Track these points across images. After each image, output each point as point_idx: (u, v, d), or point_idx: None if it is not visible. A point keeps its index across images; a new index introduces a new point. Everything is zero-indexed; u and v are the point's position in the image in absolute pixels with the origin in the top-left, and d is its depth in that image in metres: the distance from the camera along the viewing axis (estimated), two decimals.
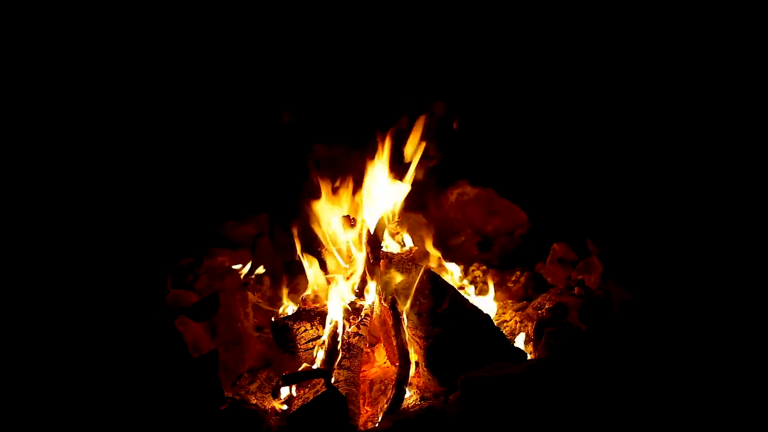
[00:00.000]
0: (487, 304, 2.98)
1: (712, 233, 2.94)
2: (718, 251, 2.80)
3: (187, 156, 4.05)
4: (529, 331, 2.82)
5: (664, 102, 3.66)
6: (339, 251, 2.97)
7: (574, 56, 3.96)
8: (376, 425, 2.24)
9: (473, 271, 3.50)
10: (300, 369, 2.61)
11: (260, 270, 3.44)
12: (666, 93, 3.67)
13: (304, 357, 2.69)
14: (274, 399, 2.49)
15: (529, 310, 3.03)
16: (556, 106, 4.02)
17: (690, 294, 2.54)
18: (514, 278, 3.40)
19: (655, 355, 2.19)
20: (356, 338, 2.62)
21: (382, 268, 2.76)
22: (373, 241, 2.86)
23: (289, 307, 3.11)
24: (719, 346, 2.20)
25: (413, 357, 2.49)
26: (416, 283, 2.54)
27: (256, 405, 2.45)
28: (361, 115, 3.53)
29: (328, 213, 3.07)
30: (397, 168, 3.13)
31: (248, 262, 3.53)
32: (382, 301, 2.63)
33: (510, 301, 3.26)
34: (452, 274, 3.21)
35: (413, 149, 3.11)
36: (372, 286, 2.79)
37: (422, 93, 3.94)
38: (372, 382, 2.61)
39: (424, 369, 2.42)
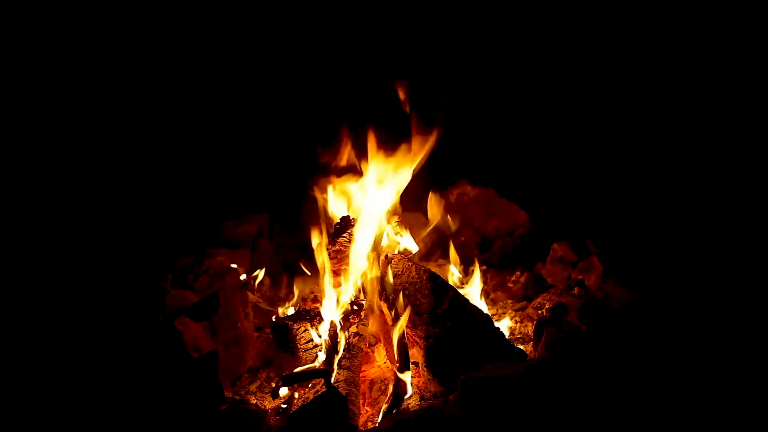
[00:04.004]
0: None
1: (712, 233, 2.94)
2: (717, 251, 2.80)
3: (187, 156, 4.05)
4: (529, 331, 2.82)
5: (664, 102, 3.66)
6: (339, 252, 2.97)
7: (574, 56, 3.96)
8: (376, 425, 2.24)
9: (473, 271, 3.50)
10: (300, 369, 2.61)
11: (259, 272, 3.43)
12: (666, 93, 3.67)
13: (304, 357, 2.69)
14: (274, 399, 2.49)
15: (529, 310, 3.03)
16: (556, 106, 4.02)
17: (690, 294, 2.54)
18: (514, 278, 3.40)
19: (654, 355, 2.18)
20: (356, 338, 2.62)
21: (382, 267, 2.76)
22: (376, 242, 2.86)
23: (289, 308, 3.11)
24: (719, 345, 2.21)
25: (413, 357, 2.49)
26: (416, 283, 2.54)
27: (256, 405, 2.45)
28: (361, 114, 3.53)
29: (331, 212, 3.08)
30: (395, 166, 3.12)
31: (248, 262, 3.53)
32: (382, 301, 2.64)
33: (510, 301, 3.26)
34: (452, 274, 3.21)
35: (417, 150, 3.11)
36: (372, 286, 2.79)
37: (422, 92, 3.94)
38: (372, 382, 2.62)
39: (424, 369, 2.42)
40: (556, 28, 3.97)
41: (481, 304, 2.82)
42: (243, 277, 3.38)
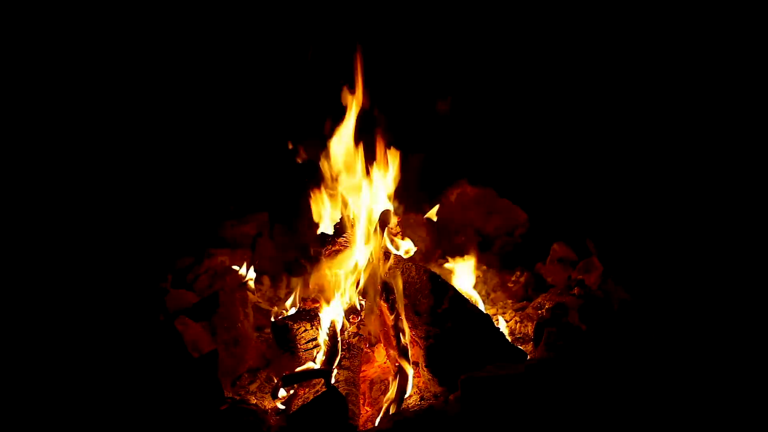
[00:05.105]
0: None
1: (712, 233, 2.94)
2: (717, 251, 2.80)
3: (187, 156, 4.05)
4: (529, 331, 2.82)
5: (664, 102, 3.66)
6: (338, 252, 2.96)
7: (574, 55, 3.96)
8: (376, 425, 2.24)
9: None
10: (300, 369, 2.61)
11: (253, 274, 3.43)
12: (666, 93, 3.67)
13: (304, 357, 2.69)
14: (274, 399, 2.49)
15: (529, 310, 3.03)
16: (556, 106, 4.02)
17: (690, 294, 2.54)
18: (514, 278, 3.40)
19: (654, 355, 2.18)
20: (356, 338, 2.62)
21: (381, 267, 2.76)
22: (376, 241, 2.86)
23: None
24: (719, 345, 2.21)
25: (413, 357, 2.49)
26: (416, 283, 2.54)
27: (256, 405, 2.45)
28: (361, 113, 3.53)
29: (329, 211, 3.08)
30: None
31: (248, 262, 3.53)
32: (382, 301, 2.63)
33: (510, 301, 3.26)
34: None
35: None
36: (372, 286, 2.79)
37: (422, 92, 3.95)
38: (372, 382, 2.62)
39: (424, 369, 2.42)
40: (556, 28, 3.97)
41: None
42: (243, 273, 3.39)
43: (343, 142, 3.10)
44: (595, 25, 3.87)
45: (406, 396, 2.40)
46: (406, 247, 2.99)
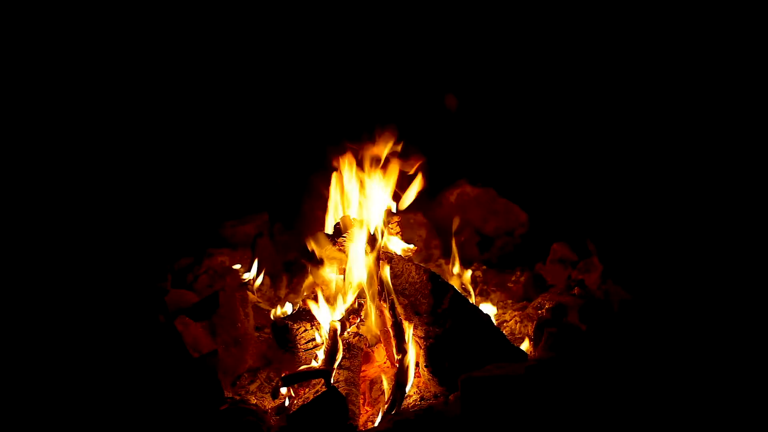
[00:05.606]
0: None
1: (712, 233, 2.94)
2: (717, 251, 2.80)
3: (187, 156, 4.05)
4: (529, 331, 2.82)
5: (664, 102, 3.66)
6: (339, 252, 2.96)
7: (574, 55, 3.96)
8: (376, 425, 2.24)
9: (473, 271, 3.50)
10: (300, 369, 2.61)
11: (255, 272, 3.43)
12: (666, 93, 3.67)
13: (304, 357, 2.69)
14: (274, 399, 2.49)
15: (529, 310, 3.03)
16: (556, 106, 4.02)
17: (690, 294, 2.54)
18: (514, 278, 3.40)
19: (654, 355, 2.19)
20: (356, 338, 2.62)
21: (381, 268, 2.76)
22: (373, 241, 2.85)
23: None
24: (719, 345, 2.21)
25: (413, 357, 2.49)
26: (416, 283, 2.54)
27: (256, 405, 2.45)
28: (361, 113, 3.53)
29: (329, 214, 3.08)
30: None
31: (248, 262, 3.53)
32: (382, 302, 2.63)
33: (510, 301, 3.26)
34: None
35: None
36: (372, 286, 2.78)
37: (422, 93, 3.95)
38: (372, 382, 2.61)
39: (424, 369, 2.42)
40: (556, 28, 3.97)
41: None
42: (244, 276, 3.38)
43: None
44: (595, 26, 3.88)
45: (406, 396, 2.40)
46: (406, 247, 2.99)
